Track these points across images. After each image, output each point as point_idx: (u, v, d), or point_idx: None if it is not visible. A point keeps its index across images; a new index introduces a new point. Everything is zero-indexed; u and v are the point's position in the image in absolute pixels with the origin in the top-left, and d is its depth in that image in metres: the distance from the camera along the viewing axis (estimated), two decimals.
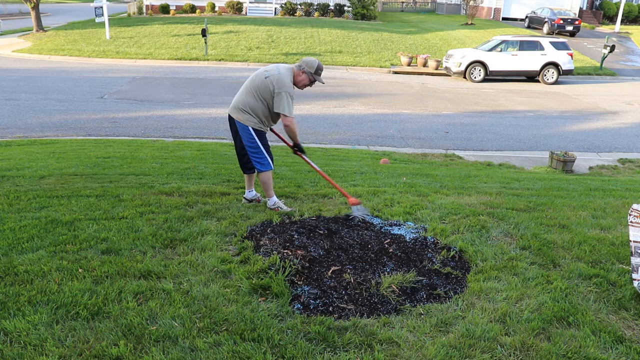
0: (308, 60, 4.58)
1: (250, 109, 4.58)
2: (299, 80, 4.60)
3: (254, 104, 4.56)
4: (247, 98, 4.59)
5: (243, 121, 4.61)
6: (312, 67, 4.55)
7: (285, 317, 3.00)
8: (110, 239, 3.91)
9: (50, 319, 2.82)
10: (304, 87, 4.70)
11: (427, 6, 42.58)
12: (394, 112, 13.11)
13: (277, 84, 4.45)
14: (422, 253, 3.96)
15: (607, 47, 20.34)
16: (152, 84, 15.51)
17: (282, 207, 4.82)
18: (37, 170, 6.26)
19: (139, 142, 9.03)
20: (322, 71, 4.64)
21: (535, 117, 13.20)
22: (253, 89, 4.56)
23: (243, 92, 4.65)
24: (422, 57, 20.67)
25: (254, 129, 4.62)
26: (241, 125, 4.64)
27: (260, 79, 4.54)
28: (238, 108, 4.64)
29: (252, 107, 4.57)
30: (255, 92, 4.55)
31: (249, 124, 4.60)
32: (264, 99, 4.54)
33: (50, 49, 20.90)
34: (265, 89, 4.50)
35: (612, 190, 6.52)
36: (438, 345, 2.77)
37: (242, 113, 4.61)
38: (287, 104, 4.47)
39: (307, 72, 4.56)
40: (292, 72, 4.58)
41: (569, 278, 3.56)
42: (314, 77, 4.59)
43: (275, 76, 4.49)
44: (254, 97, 4.56)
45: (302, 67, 4.56)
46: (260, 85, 4.52)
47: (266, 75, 4.53)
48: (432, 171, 7.57)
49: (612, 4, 36.91)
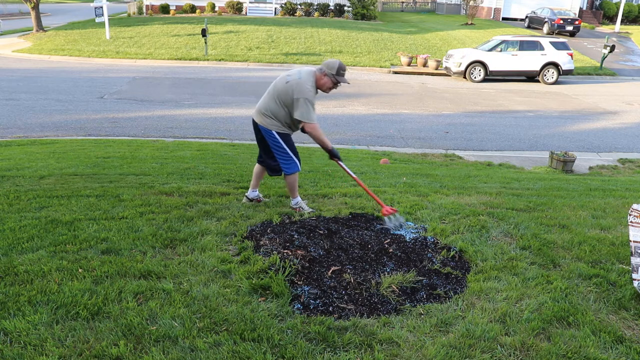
0: (329, 62, 4.48)
1: (272, 114, 4.55)
2: (322, 83, 4.50)
3: (275, 110, 4.52)
4: (269, 103, 4.55)
5: (267, 125, 4.59)
6: (333, 68, 4.44)
7: (285, 317, 3.00)
8: (110, 239, 3.91)
9: (50, 319, 2.82)
10: (329, 90, 4.58)
11: (427, 6, 42.57)
12: (394, 112, 13.11)
13: (297, 89, 4.38)
14: (422, 253, 3.96)
15: (607, 47, 20.33)
16: (152, 84, 15.51)
17: (303, 207, 4.81)
18: (37, 170, 6.26)
19: (139, 142, 9.03)
20: (344, 71, 4.50)
21: (535, 117, 13.20)
22: (275, 94, 4.51)
23: (266, 97, 4.61)
24: (422, 57, 20.67)
25: (277, 133, 4.59)
26: (265, 129, 4.62)
27: (282, 84, 4.48)
28: (261, 112, 4.61)
29: (274, 113, 4.54)
30: (277, 98, 4.50)
31: (273, 128, 4.58)
32: (285, 105, 4.48)
33: (50, 49, 20.90)
34: (286, 94, 4.44)
35: (612, 190, 6.51)
36: (438, 345, 2.77)
37: (265, 117, 4.58)
38: (305, 110, 4.38)
39: (328, 75, 4.46)
40: (314, 76, 4.49)
41: (569, 278, 3.56)
42: (336, 78, 4.47)
43: (295, 81, 4.42)
44: (275, 103, 4.51)
45: (324, 69, 4.47)
46: (282, 91, 4.46)
47: (287, 80, 4.47)
48: (432, 171, 7.57)
49: (612, 4, 36.91)
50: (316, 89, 4.53)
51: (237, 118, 11.65)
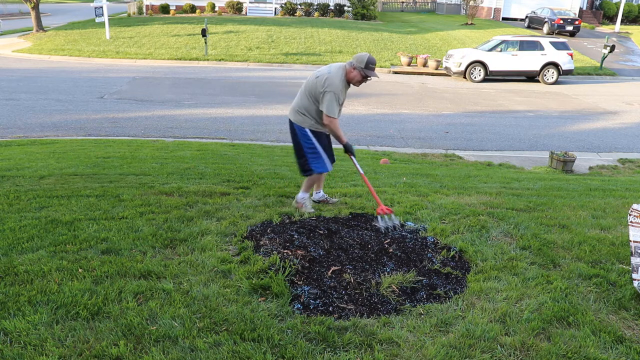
0: (358, 55, 4.50)
1: (305, 111, 4.62)
2: (352, 77, 4.53)
3: (307, 106, 4.60)
4: (302, 100, 4.64)
5: (299, 123, 4.66)
6: (362, 62, 4.45)
7: (285, 317, 3.00)
8: (110, 239, 3.91)
9: (50, 319, 2.82)
10: (358, 84, 4.61)
11: (427, 6, 42.57)
12: (394, 112, 13.11)
13: (325, 82, 4.46)
14: (422, 253, 3.96)
15: (607, 47, 20.33)
16: (152, 84, 15.51)
17: (307, 205, 4.82)
18: (37, 170, 6.26)
19: (139, 142, 9.02)
20: (374, 65, 4.49)
21: (535, 117, 13.20)
22: (307, 90, 4.60)
23: (299, 94, 4.70)
24: (422, 57, 20.67)
25: (310, 130, 4.65)
26: (298, 127, 4.68)
27: (312, 80, 4.58)
28: (295, 110, 4.70)
29: (307, 109, 4.61)
30: (308, 94, 4.58)
31: (305, 125, 4.65)
32: (315, 100, 4.55)
33: (50, 49, 20.90)
34: (315, 89, 4.52)
35: (612, 190, 6.51)
36: (438, 345, 2.77)
37: (298, 115, 4.66)
38: (329, 103, 4.45)
39: (357, 68, 4.48)
40: (344, 70, 4.54)
41: (569, 278, 3.56)
42: (365, 72, 4.48)
43: (324, 75, 4.50)
44: (307, 99, 4.59)
45: (353, 63, 4.51)
46: (312, 86, 4.55)
47: (317, 75, 4.56)
48: (432, 171, 7.57)
49: (612, 4, 36.91)
50: (347, 83, 4.58)
51: (237, 118, 11.65)
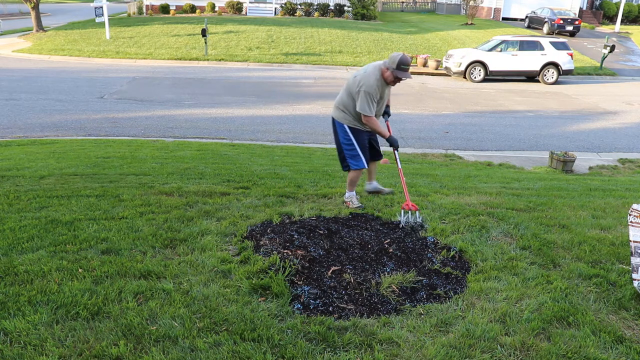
0: (392, 56, 4.56)
1: (344, 107, 4.82)
2: (386, 77, 4.63)
3: (347, 102, 4.79)
4: (343, 97, 4.83)
5: (339, 119, 4.86)
6: (393, 62, 4.51)
7: (285, 317, 3.00)
8: (110, 239, 3.91)
9: (50, 319, 2.82)
10: (393, 84, 4.70)
11: (427, 6, 42.57)
12: (393, 112, 13.03)
13: (361, 81, 4.62)
14: (422, 253, 3.96)
15: (607, 47, 20.33)
16: (152, 84, 15.51)
17: (353, 202, 4.96)
18: (37, 170, 6.26)
19: (139, 142, 9.02)
20: (406, 66, 4.53)
21: (535, 117, 13.20)
22: (347, 88, 4.79)
23: (341, 92, 4.89)
24: (422, 57, 20.67)
25: (349, 127, 4.85)
26: (338, 123, 4.89)
27: (352, 79, 4.76)
28: (336, 107, 4.91)
29: (346, 106, 4.80)
30: (348, 91, 4.77)
31: (344, 121, 4.84)
32: (353, 97, 4.72)
33: (50, 49, 20.90)
34: (353, 87, 4.69)
35: (612, 190, 6.51)
36: (438, 345, 2.77)
37: (339, 111, 4.88)
38: (363, 102, 4.60)
39: (390, 69, 4.56)
40: (380, 70, 4.65)
41: (569, 278, 3.56)
42: (396, 72, 4.53)
43: (361, 75, 4.67)
44: (348, 96, 4.78)
45: (387, 63, 4.59)
46: (351, 84, 4.73)
47: (355, 75, 4.74)
48: (432, 171, 7.57)
49: (612, 4, 36.91)
50: (384, 82, 4.67)
51: (237, 118, 11.65)
